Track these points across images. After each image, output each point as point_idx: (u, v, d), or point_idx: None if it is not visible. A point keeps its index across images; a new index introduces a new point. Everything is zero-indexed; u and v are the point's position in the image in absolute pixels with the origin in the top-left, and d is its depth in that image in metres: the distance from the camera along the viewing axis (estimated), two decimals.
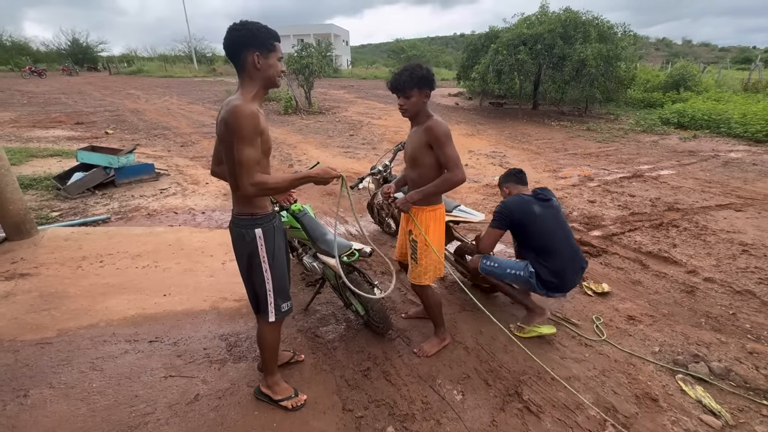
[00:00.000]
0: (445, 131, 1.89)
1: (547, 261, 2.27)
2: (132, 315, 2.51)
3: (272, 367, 1.90)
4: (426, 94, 1.91)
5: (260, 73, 1.47)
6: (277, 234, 1.68)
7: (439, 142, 1.89)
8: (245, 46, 1.42)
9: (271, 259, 1.65)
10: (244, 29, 1.43)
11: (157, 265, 3.13)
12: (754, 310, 2.76)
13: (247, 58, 1.44)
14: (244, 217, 1.60)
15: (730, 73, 20.64)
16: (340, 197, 1.94)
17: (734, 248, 3.61)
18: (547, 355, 2.34)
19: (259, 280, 1.67)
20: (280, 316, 1.74)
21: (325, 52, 13.77)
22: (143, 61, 41.68)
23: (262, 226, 1.61)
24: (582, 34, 10.75)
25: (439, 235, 2.13)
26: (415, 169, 2.04)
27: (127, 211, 4.48)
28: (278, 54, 1.50)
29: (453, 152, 1.91)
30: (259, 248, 1.61)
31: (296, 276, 3.12)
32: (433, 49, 47.57)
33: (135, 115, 11.74)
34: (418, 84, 1.87)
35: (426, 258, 2.11)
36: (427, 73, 1.89)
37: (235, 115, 1.38)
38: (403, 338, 2.47)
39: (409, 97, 1.90)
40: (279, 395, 1.90)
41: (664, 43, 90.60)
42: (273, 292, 1.69)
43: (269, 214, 1.66)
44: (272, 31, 1.48)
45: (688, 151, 7.64)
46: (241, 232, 1.61)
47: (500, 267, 2.42)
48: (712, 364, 2.23)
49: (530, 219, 2.30)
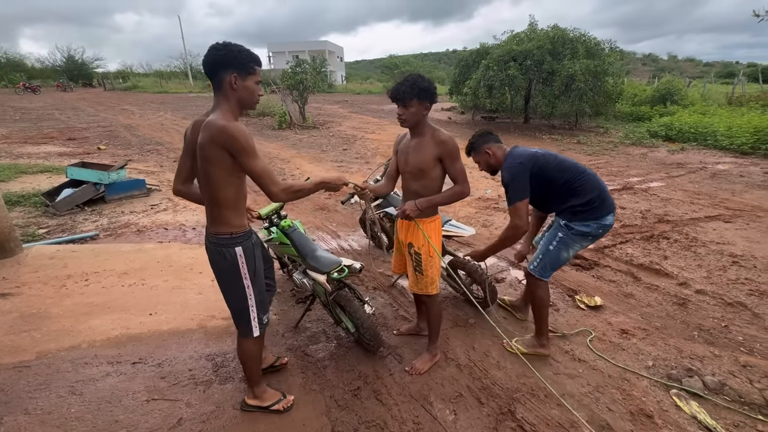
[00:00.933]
0: (457, 147, 1.94)
1: (582, 188, 2.08)
2: (116, 335, 2.44)
3: (257, 378, 1.92)
4: (426, 106, 1.91)
5: (236, 93, 1.49)
6: (256, 250, 1.71)
7: (453, 157, 1.93)
8: (224, 66, 1.45)
9: (253, 275, 1.67)
10: (225, 50, 1.45)
11: (144, 283, 3.07)
12: (745, 322, 2.75)
13: (225, 78, 1.46)
14: (223, 236, 1.60)
15: (714, 87, 21.20)
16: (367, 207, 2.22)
17: (724, 260, 3.63)
18: (540, 371, 2.29)
19: (241, 296, 1.68)
20: (262, 329, 1.79)
21: (319, 68, 13.97)
22: (138, 77, 41.94)
23: (242, 244, 1.62)
24: (570, 50, 11.02)
25: (438, 244, 2.13)
26: (420, 180, 2.01)
27: (116, 228, 4.42)
28: (257, 78, 1.53)
29: (462, 166, 1.97)
30: (240, 266, 1.63)
31: (286, 293, 3.08)
32: (426, 64, 48.45)
33: (128, 130, 11.73)
34: (419, 95, 1.86)
35: (432, 268, 2.11)
36: (428, 85, 1.89)
37: (231, 134, 1.41)
38: (394, 355, 2.42)
39: (409, 107, 1.89)
40: (268, 401, 1.93)
41: (650, 59, 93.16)
42: (255, 306, 1.72)
43: (247, 232, 1.67)
44: (254, 56, 1.50)
45: (676, 164, 7.76)
46: (221, 251, 1.61)
47: (546, 254, 2.21)
48: (706, 378, 2.21)
49: (545, 159, 2.11)
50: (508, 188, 2.14)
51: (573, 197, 2.13)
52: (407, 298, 3.05)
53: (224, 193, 1.54)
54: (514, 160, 2.15)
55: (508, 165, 2.14)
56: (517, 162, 2.12)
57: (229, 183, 1.53)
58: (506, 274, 3.45)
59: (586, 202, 2.11)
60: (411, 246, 2.11)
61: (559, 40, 11.18)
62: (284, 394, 1.99)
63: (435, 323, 2.28)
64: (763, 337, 2.57)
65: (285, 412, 1.94)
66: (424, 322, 2.54)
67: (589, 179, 2.14)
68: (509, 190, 2.13)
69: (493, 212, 5.08)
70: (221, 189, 1.53)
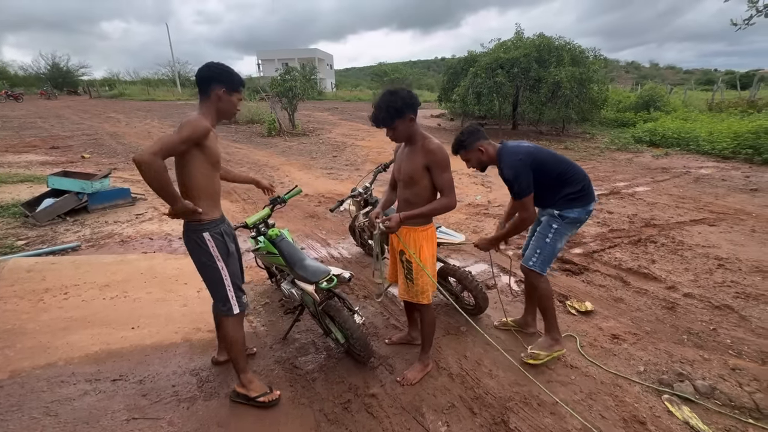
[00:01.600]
0: (446, 157, 1.90)
1: (575, 177, 2.23)
2: (95, 351, 2.35)
3: (242, 365, 2.03)
4: (410, 118, 1.87)
5: (220, 104, 1.76)
6: (227, 237, 1.88)
7: (440, 168, 1.89)
8: (217, 80, 1.73)
9: (225, 256, 1.85)
10: (221, 68, 1.74)
11: (126, 296, 2.98)
12: (733, 324, 2.78)
13: (215, 90, 1.73)
14: (192, 223, 1.79)
15: (695, 93, 21.81)
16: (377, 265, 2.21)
17: (710, 263, 3.67)
18: (534, 378, 2.28)
19: (216, 277, 1.86)
20: (242, 307, 1.94)
21: (309, 75, 13.96)
22: (125, 85, 41.41)
23: (210, 230, 1.81)
24: (556, 58, 11.22)
25: (432, 253, 2.11)
26: (411, 188, 2.00)
27: (99, 238, 4.30)
28: (240, 96, 1.83)
29: (450, 177, 1.93)
30: (211, 249, 1.81)
31: (274, 303, 3.01)
32: (415, 72, 49.02)
33: (114, 138, 11.53)
34: (397, 115, 1.84)
35: (422, 277, 2.07)
36: (402, 102, 1.83)
37: (185, 120, 1.66)
38: (385, 366, 2.38)
39: (394, 129, 1.89)
40: (254, 392, 2.02)
41: (633, 66, 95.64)
42: (231, 286, 1.89)
43: (216, 220, 1.85)
44: (242, 79, 1.83)
45: (661, 168, 7.91)
46: (191, 237, 1.81)
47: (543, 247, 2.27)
48: (696, 382, 2.21)
49: (541, 154, 2.22)
50: (513, 184, 2.17)
51: (567, 186, 2.25)
52: (398, 306, 3.01)
53: (194, 183, 1.74)
54: (513, 156, 2.17)
55: (510, 162, 2.16)
56: (517, 159, 2.16)
57: (197, 174, 1.73)
58: (497, 281, 3.44)
59: (579, 190, 2.25)
60: (402, 253, 2.09)
61: (545, 48, 11.39)
62: (271, 388, 2.07)
63: (428, 333, 2.25)
64: (751, 340, 2.60)
65: (270, 405, 2.01)
66: (416, 331, 2.50)
67: (578, 169, 2.31)
68: (515, 186, 2.16)
69: (483, 218, 5.08)
70: (191, 180, 1.73)
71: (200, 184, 1.75)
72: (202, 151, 1.68)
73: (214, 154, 1.75)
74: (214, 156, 1.75)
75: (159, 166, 1.53)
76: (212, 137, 1.72)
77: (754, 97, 14.57)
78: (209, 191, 1.80)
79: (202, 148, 1.68)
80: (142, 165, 1.50)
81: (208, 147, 1.70)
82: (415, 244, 2.06)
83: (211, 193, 1.82)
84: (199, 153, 1.68)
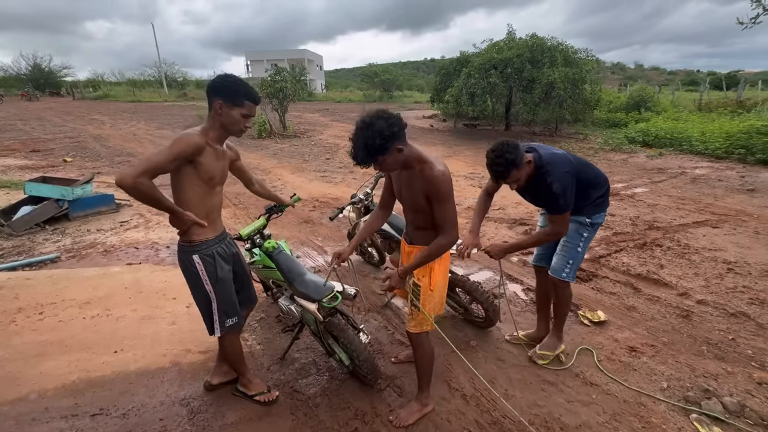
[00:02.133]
0: (448, 186, 1.59)
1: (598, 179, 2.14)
2: (73, 381, 2.11)
3: (241, 370, 2.07)
4: (397, 149, 1.54)
5: (220, 118, 1.64)
6: (218, 259, 1.80)
7: (439, 198, 1.59)
8: (216, 92, 1.62)
9: (214, 281, 1.78)
10: (221, 80, 1.63)
11: (109, 314, 2.74)
12: (751, 333, 2.67)
13: (214, 102, 1.62)
14: (183, 244, 1.74)
15: (682, 94, 22.11)
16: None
17: (719, 267, 3.59)
18: (552, 398, 2.13)
19: (204, 299, 1.82)
20: (224, 330, 1.87)
21: (299, 76, 13.73)
22: (110, 86, 40.45)
23: (199, 252, 1.74)
24: (549, 58, 11.19)
25: (444, 274, 1.85)
26: (418, 214, 1.76)
27: (80, 248, 4.04)
28: (244, 111, 1.64)
29: (452, 210, 1.63)
30: (200, 273, 1.75)
31: (270, 318, 2.81)
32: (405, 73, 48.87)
33: (98, 141, 11.13)
34: (379, 152, 1.51)
35: (430, 303, 1.83)
36: (380, 137, 1.47)
37: (178, 136, 1.58)
38: (393, 388, 2.20)
39: (381, 164, 1.57)
40: (253, 391, 2.06)
41: (618, 67, 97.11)
42: (218, 310, 1.83)
43: (208, 241, 1.77)
44: (247, 91, 1.63)
45: (656, 169, 7.89)
46: (182, 257, 1.76)
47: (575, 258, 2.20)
48: (724, 399, 2.08)
49: (578, 161, 2.09)
50: (560, 198, 1.96)
51: (594, 189, 2.14)
52: (402, 320, 2.84)
53: (185, 198, 1.66)
54: (561, 168, 1.97)
55: (559, 175, 1.95)
56: (564, 171, 1.97)
57: (188, 190, 1.66)
58: (503, 289, 3.29)
59: (603, 194, 2.17)
60: (411, 275, 1.82)
61: (538, 48, 11.35)
62: (269, 389, 2.09)
63: (425, 368, 1.96)
64: None
65: (266, 404, 2.04)
66: None
67: (601, 171, 2.21)
68: (561, 200, 1.96)
69: (484, 222, 4.94)
70: (181, 195, 1.66)
71: (192, 201, 1.67)
72: (194, 168, 1.61)
73: (208, 171, 1.66)
74: (208, 173, 1.66)
75: (145, 187, 1.46)
76: (208, 153, 1.63)
77: (741, 97, 14.79)
78: (202, 210, 1.71)
79: (195, 165, 1.61)
80: (125, 190, 1.44)
81: (201, 164, 1.62)
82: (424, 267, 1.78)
83: (205, 212, 1.72)
84: (192, 170, 1.62)
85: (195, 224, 1.68)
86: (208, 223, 1.74)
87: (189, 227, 1.69)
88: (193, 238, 1.72)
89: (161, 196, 1.53)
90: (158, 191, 1.50)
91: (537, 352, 2.41)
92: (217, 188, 1.78)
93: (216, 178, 1.72)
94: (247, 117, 1.67)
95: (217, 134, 1.68)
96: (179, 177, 1.63)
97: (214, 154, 1.67)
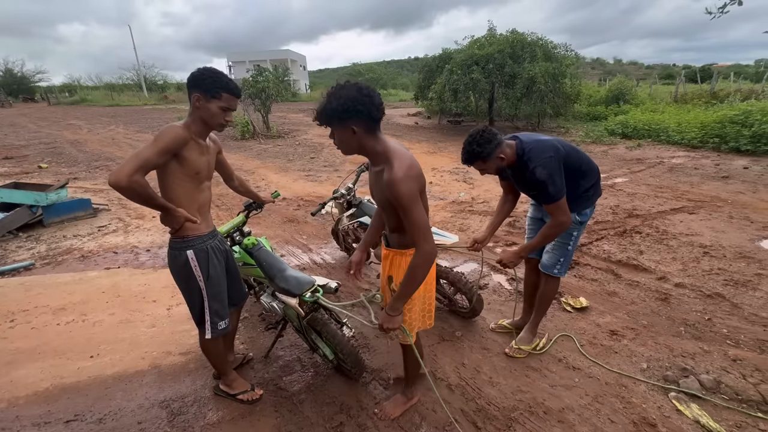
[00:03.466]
0: (408, 192, 1.33)
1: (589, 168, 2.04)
2: (45, 388, 2.04)
3: (224, 369, 2.03)
4: (351, 128, 1.35)
5: (198, 111, 1.61)
6: (212, 254, 1.77)
7: (401, 205, 1.36)
8: (193, 85, 1.60)
9: (206, 278, 1.74)
10: (198, 72, 1.59)
11: (84, 319, 2.66)
12: (726, 313, 2.75)
13: (192, 96, 1.60)
14: (176, 239, 1.70)
15: (659, 87, 22.66)
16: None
17: (696, 251, 3.68)
18: (536, 384, 2.15)
19: (196, 297, 1.77)
20: (216, 334, 1.84)
21: (282, 77, 13.58)
22: (87, 90, 39.36)
23: (194, 247, 1.70)
24: (529, 53, 11.33)
25: (429, 281, 1.66)
26: (387, 215, 1.60)
27: (56, 255, 3.91)
28: (222, 103, 1.59)
29: (418, 219, 1.37)
30: (193, 269, 1.71)
31: (254, 317, 2.77)
32: (390, 71, 48.88)
33: (74, 146, 10.81)
34: (332, 118, 1.37)
35: (410, 312, 1.66)
36: (338, 104, 1.32)
37: (161, 130, 1.54)
38: (379, 380, 2.19)
39: (333, 135, 1.43)
40: (235, 390, 2.03)
41: (598, 63, 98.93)
42: (210, 310, 1.79)
43: (202, 236, 1.74)
44: (224, 83, 1.58)
45: (635, 159, 8.07)
46: (174, 254, 1.71)
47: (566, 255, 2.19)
48: (701, 377, 2.14)
49: (563, 146, 1.96)
50: (547, 185, 1.87)
51: (584, 179, 2.04)
52: None
53: (173, 195, 1.62)
54: (543, 154, 1.88)
55: (542, 161, 1.87)
56: (548, 156, 1.88)
57: (177, 187, 1.62)
58: (488, 280, 3.32)
59: (593, 185, 2.09)
60: (391, 280, 1.67)
61: (518, 44, 11.48)
62: (253, 387, 2.07)
63: (411, 369, 1.93)
64: (746, 328, 2.57)
65: (249, 403, 2.00)
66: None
67: (590, 159, 2.10)
68: (548, 187, 1.86)
69: (468, 215, 4.98)
70: (170, 193, 1.62)
71: (179, 197, 1.64)
72: (179, 163, 1.58)
73: (194, 166, 1.62)
74: (194, 168, 1.63)
75: (139, 185, 1.42)
76: (192, 147, 1.60)
77: (714, 88, 15.24)
78: (191, 205, 1.68)
79: (180, 159, 1.57)
80: (120, 190, 1.41)
81: (186, 158, 1.58)
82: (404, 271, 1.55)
83: (195, 208, 1.70)
84: (177, 164, 1.58)
85: (187, 221, 1.63)
86: (200, 219, 1.72)
87: (182, 225, 1.65)
88: (187, 233, 1.68)
89: (154, 194, 1.50)
90: (151, 189, 1.47)
91: (513, 346, 2.39)
92: (205, 183, 1.75)
93: (202, 173, 1.69)
94: (227, 110, 1.62)
95: (198, 129, 1.64)
96: (166, 174, 1.60)
97: (198, 149, 1.64)
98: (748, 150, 7.71)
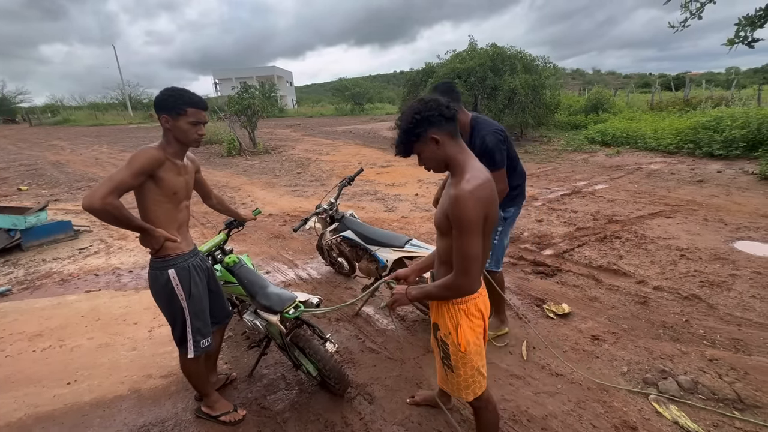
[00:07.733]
0: (469, 213, 1.20)
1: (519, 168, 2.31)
2: (19, 418, 1.98)
3: (205, 390, 2.00)
4: (432, 140, 1.28)
5: (170, 132, 1.63)
6: (194, 272, 1.77)
7: (458, 226, 1.23)
8: (158, 108, 1.62)
9: (188, 297, 1.74)
10: (161, 94, 1.61)
11: (62, 345, 2.60)
12: (703, 314, 2.82)
13: (161, 118, 1.62)
14: (157, 259, 1.70)
15: (636, 96, 23.44)
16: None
17: (673, 254, 3.78)
18: (519, 392, 2.17)
19: (178, 316, 1.76)
20: (199, 352, 1.82)
21: (268, 93, 13.70)
22: (70, 110, 38.95)
23: (175, 266, 1.71)
24: (509, 66, 11.66)
25: (477, 335, 1.42)
26: (441, 239, 1.41)
27: (34, 279, 3.82)
28: (189, 118, 1.61)
29: (469, 248, 1.24)
30: (175, 288, 1.70)
31: (237, 336, 2.74)
32: (376, 85, 49.54)
33: (56, 167, 10.65)
34: (411, 136, 1.30)
35: (466, 366, 1.44)
36: (412, 122, 1.27)
37: (135, 152, 1.55)
38: (364, 395, 2.18)
39: (419, 155, 1.35)
40: (218, 411, 1.99)
41: (578, 73, 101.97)
42: (192, 328, 1.78)
43: (184, 254, 1.75)
44: (187, 98, 1.60)
45: (615, 166, 8.29)
46: (155, 274, 1.71)
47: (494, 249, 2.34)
48: (679, 378, 2.18)
49: (510, 139, 2.27)
50: (495, 152, 2.08)
51: (512, 177, 2.26)
52: (373, 328, 2.83)
53: (152, 216, 1.63)
54: (492, 126, 2.16)
55: (492, 130, 2.13)
56: (496, 129, 2.15)
57: (155, 208, 1.63)
58: None
59: (519, 185, 2.34)
60: (437, 328, 1.48)
61: (499, 57, 11.82)
62: (236, 408, 2.03)
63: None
64: (721, 328, 2.64)
65: (232, 425, 1.96)
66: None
67: (522, 165, 2.39)
68: (496, 154, 2.09)
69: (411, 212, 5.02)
70: (148, 214, 1.63)
71: (158, 217, 1.64)
72: (156, 184, 1.59)
73: (171, 186, 1.63)
74: (171, 188, 1.64)
75: (114, 208, 1.43)
76: (168, 168, 1.61)
77: (688, 96, 15.83)
78: (171, 225, 1.69)
79: (156, 180, 1.58)
80: (94, 213, 1.42)
81: (162, 179, 1.59)
82: (449, 320, 1.41)
83: (175, 228, 1.71)
84: (153, 185, 1.59)
85: (167, 240, 1.64)
86: (180, 238, 1.72)
87: (161, 245, 1.65)
88: (168, 253, 1.69)
89: (131, 216, 1.50)
90: (127, 210, 1.47)
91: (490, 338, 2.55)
92: (184, 203, 1.76)
93: (180, 193, 1.70)
94: (197, 124, 1.63)
95: (174, 149, 1.65)
96: (143, 195, 1.61)
97: (174, 169, 1.65)
98: (721, 154, 8.00)
